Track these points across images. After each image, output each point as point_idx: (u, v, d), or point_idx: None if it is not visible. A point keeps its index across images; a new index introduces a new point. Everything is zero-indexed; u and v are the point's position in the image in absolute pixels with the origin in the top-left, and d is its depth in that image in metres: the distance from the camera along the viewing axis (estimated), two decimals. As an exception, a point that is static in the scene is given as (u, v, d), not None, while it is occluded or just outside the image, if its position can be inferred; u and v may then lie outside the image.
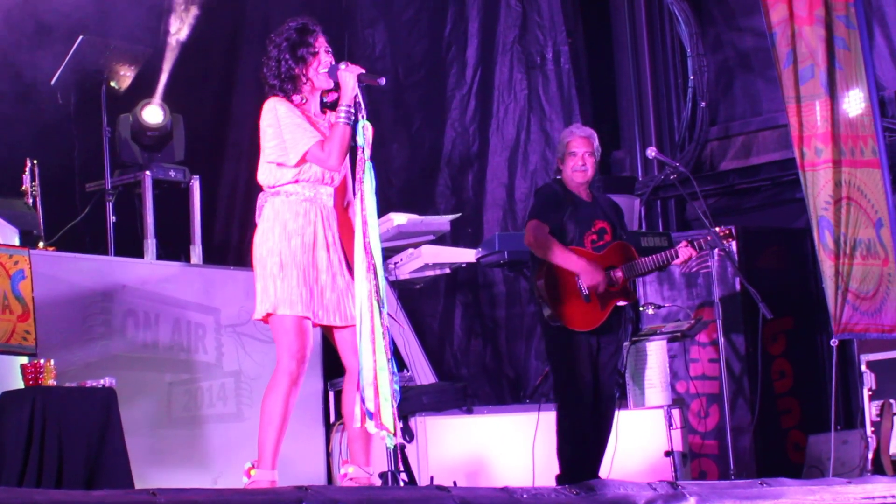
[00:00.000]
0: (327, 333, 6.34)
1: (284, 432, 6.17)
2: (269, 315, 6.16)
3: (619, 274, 7.91)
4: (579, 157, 8.06)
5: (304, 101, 6.30)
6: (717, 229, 8.27)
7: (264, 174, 6.30)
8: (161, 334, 8.90)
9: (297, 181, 6.21)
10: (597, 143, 8.15)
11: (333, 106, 6.32)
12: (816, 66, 9.03)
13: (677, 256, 8.04)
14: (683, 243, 8.07)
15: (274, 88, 6.28)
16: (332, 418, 9.43)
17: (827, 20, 9.05)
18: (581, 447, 7.85)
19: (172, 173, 9.86)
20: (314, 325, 6.22)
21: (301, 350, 6.14)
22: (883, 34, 10.54)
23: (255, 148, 6.33)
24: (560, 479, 7.83)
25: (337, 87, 6.30)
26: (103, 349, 8.56)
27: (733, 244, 9.68)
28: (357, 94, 6.16)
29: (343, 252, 6.28)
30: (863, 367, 9.26)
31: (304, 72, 6.26)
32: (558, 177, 8.21)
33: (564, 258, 7.85)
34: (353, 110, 6.14)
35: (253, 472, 6.14)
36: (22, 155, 9.12)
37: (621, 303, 7.97)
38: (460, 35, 11.97)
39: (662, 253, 8.03)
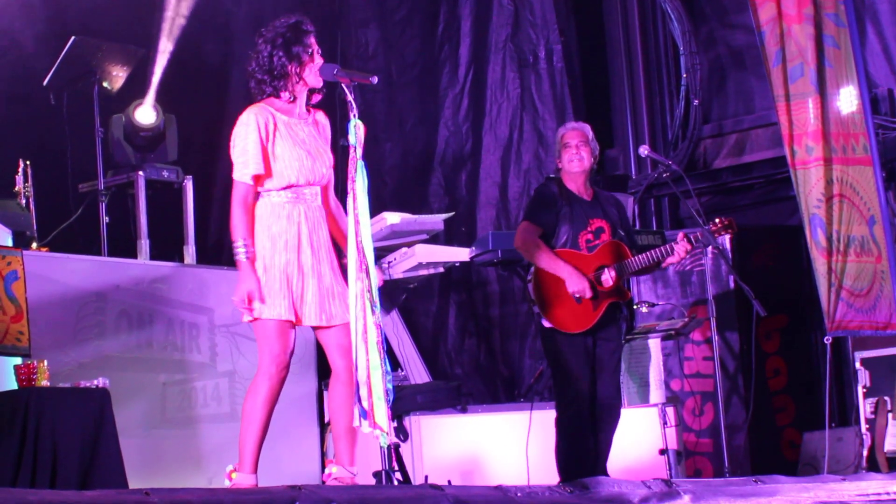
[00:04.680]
0: (315, 333, 6.32)
1: (265, 435, 6.13)
2: (254, 318, 6.14)
3: (612, 273, 7.88)
4: (573, 147, 8.03)
5: (292, 99, 6.27)
6: (718, 220, 8.14)
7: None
8: (155, 334, 8.89)
9: (279, 188, 6.19)
10: (591, 135, 8.12)
11: (318, 105, 6.35)
12: (806, 65, 9.03)
13: (672, 253, 7.95)
14: (681, 235, 7.97)
15: (263, 83, 6.24)
16: (327, 418, 9.43)
17: (816, 18, 9.04)
18: (580, 446, 7.80)
19: (165, 173, 9.85)
20: (301, 326, 6.20)
21: (282, 354, 6.11)
22: (875, 31, 10.54)
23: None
24: (563, 481, 7.79)
25: (322, 88, 6.29)
26: (97, 350, 8.54)
27: (727, 239, 9.69)
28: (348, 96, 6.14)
29: (333, 251, 6.27)
30: (857, 365, 9.26)
31: (297, 70, 6.23)
32: (558, 175, 8.18)
33: (550, 262, 7.82)
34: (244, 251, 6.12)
35: (234, 476, 6.12)
36: (14, 156, 9.11)
37: (615, 302, 7.94)
38: (453, 34, 11.99)
39: (657, 249, 7.95)
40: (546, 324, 7.83)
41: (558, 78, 11.79)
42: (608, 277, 7.85)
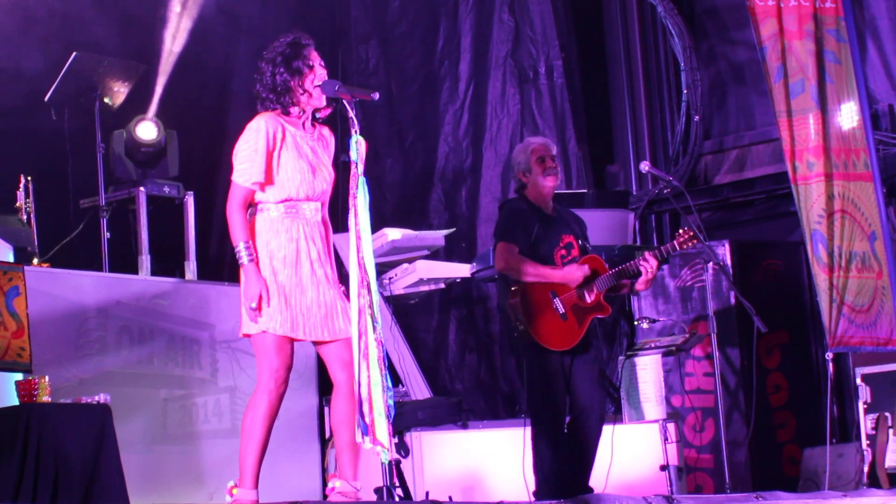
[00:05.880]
0: (316, 348, 6.31)
1: (265, 450, 6.12)
2: (252, 334, 6.13)
3: (591, 287, 7.90)
4: (548, 160, 8.01)
5: (302, 112, 6.28)
6: (682, 230, 8.16)
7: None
8: (156, 350, 8.89)
9: (277, 201, 6.19)
10: (556, 149, 8.13)
11: (325, 121, 6.34)
12: (807, 81, 9.04)
13: (645, 262, 7.94)
14: (647, 253, 7.99)
15: (269, 102, 6.24)
16: (328, 433, 9.42)
17: (817, 34, 9.07)
18: (558, 463, 7.79)
19: (167, 189, 9.85)
20: (301, 341, 6.20)
21: (280, 369, 6.10)
22: (876, 47, 10.55)
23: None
24: (537, 495, 7.80)
25: (329, 103, 6.30)
26: (98, 365, 8.55)
27: (728, 255, 9.71)
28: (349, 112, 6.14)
29: (332, 266, 6.27)
30: (858, 381, 9.25)
31: (300, 83, 6.23)
32: (521, 192, 8.13)
33: (540, 274, 7.81)
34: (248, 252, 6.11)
35: (235, 491, 6.11)
36: (16, 171, 9.12)
37: (598, 317, 7.95)
38: (453, 50, 11.99)
39: (630, 262, 7.96)
40: (527, 341, 7.81)
41: (559, 94, 11.79)
42: (590, 292, 7.87)
